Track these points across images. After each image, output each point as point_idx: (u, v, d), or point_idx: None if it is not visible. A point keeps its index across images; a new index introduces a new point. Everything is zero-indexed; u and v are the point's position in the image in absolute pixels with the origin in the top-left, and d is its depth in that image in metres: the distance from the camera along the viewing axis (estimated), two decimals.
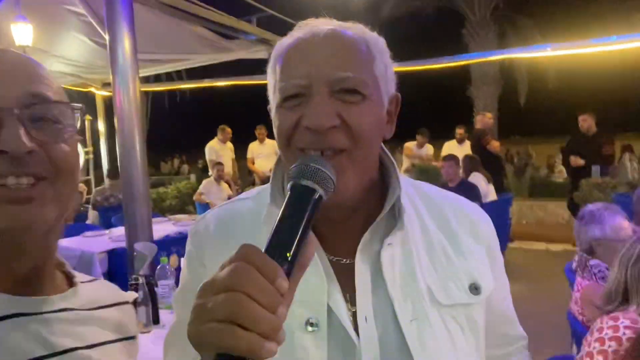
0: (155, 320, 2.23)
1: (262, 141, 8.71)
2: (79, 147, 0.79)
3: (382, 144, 0.85)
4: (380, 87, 0.78)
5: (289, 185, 0.62)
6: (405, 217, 0.80)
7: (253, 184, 9.12)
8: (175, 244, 4.54)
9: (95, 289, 0.82)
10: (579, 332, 2.21)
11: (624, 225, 2.35)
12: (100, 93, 9.11)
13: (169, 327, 0.92)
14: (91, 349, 0.73)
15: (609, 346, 1.44)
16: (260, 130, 8.63)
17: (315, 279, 0.76)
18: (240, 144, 8.73)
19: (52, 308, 0.72)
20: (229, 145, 8.52)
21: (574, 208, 7.40)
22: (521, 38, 12.62)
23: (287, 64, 0.77)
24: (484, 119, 7.82)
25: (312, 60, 0.74)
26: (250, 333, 0.47)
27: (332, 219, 0.79)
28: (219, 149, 8.26)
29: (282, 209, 0.59)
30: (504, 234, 6.23)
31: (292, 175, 0.63)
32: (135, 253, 2.43)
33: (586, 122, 7.09)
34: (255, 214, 0.85)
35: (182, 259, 2.66)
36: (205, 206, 7.16)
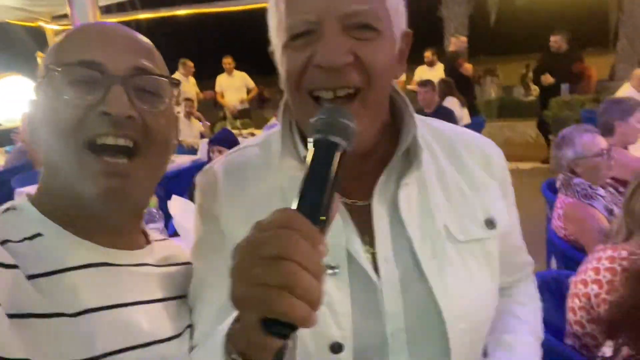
0: None
1: (230, 73, 8.38)
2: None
3: (395, 82, 0.81)
4: (392, 22, 0.73)
5: (313, 139, 0.59)
6: (423, 157, 0.78)
7: (224, 119, 8.91)
8: None
9: (167, 247, 0.90)
10: (559, 246, 2.34)
11: (595, 141, 2.43)
12: (50, 27, 8.43)
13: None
14: (160, 302, 0.80)
15: (604, 276, 1.49)
16: (227, 62, 8.28)
17: (332, 224, 0.75)
18: (208, 76, 8.40)
19: (134, 262, 0.79)
20: (192, 80, 8.18)
21: (542, 126, 7.62)
22: None
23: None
24: (458, 42, 7.76)
25: None
26: (302, 302, 0.48)
27: (346, 163, 0.77)
28: (182, 84, 7.93)
29: (308, 165, 0.57)
30: None
31: (318, 128, 0.60)
32: None
33: (556, 42, 7.12)
34: (265, 161, 0.83)
35: (168, 202, 2.62)
36: (177, 143, 7.00)
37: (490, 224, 0.82)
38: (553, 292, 1.79)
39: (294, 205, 0.54)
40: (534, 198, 3.25)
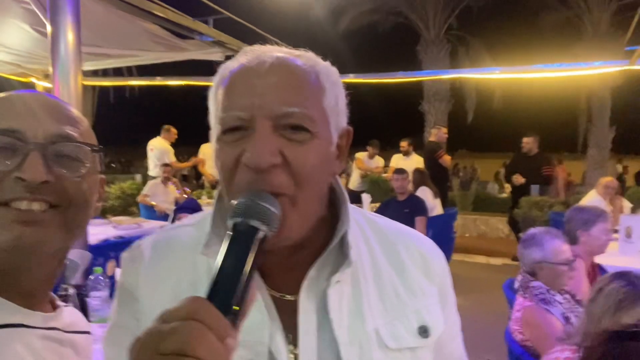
0: None
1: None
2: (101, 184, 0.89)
3: (337, 176, 0.80)
4: (329, 122, 0.73)
5: (231, 223, 0.58)
6: (354, 253, 0.75)
7: (202, 187, 8.91)
8: (114, 249, 4.31)
9: (70, 314, 0.90)
10: (515, 351, 2.28)
11: (563, 248, 2.42)
12: (41, 84, 8.59)
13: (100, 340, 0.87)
14: None
15: None
16: None
17: (256, 318, 0.70)
18: (193, 145, 8.54)
19: (46, 325, 0.80)
20: (170, 147, 8.33)
21: (513, 224, 7.76)
22: (471, 58, 13.18)
23: (229, 93, 0.70)
24: (439, 133, 8.04)
25: (255, 91, 0.68)
26: None
27: (278, 254, 0.73)
28: (164, 149, 8.01)
29: (224, 250, 0.55)
30: (448, 248, 6.39)
31: (237, 211, 0.58)
32: (66, 261, 2.27)
33: (528, 144, 7.46)
34: (197, 242, 0.78)
35: (117, 269, 2.52)
36: (150, 208, 6.89)
37: (423, 332, 0.77)
38: None
39: (205, 293, 0.51)
40: (500, 295, 3.22)
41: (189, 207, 3.59)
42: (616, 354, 0.91)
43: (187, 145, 8.57)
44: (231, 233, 0.57)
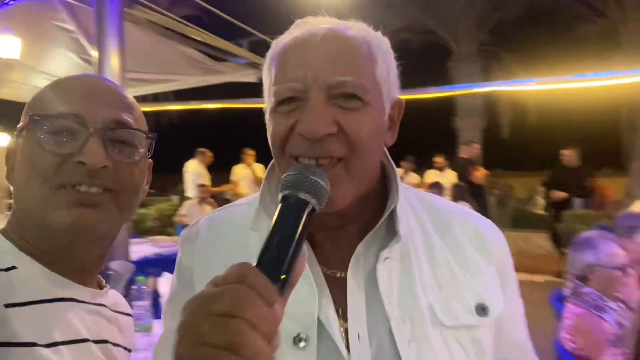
0: None
1: (249, 165, 8.65)
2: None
3: (386, 151, 0.81)
4: (381, 92, 0.74)
5: (281, 195, 0.59)
6: (402, 230, 0.74)
7: None
8: (152, 266, 4.40)
9: (114, 295, 0.94)
10: None
11: (618, 252, 2.34)
12: None
13: (145, 348, 0.90)
14: (115, 347, 0.85)
15: None
16: (249, 153, 8.58)
17: (306, 291, 0.71)
18: (228, 167, 8.69)
19: (95, 301, 0.84)
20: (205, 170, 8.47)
21: (556, 239, 7.49)
22: (504, 73, 13.00)
23: (283, 66, 0.73)
24: (470, 149, 7.89)
25: (308, 62, 0.70)
26: None
27: (326, 226, 0.75)
28: (200, 171, 8.19)
29: (274, 221, 0.56)
30: None
31: (287, 184, 0.60)
32: (110, 272, 2.34)
33: (569, 157, 7.26)
34: (248, 220, 0.81)
35: (158, 280, 2.57)
36: None
37: (481, 310, 0.75)
38: None
39: (256, 261, 0.52)
40: (546, 312, 3.09)
41: None
42: None
43: (222, 166, 8.72)
44: (280, 205, 0.58)
